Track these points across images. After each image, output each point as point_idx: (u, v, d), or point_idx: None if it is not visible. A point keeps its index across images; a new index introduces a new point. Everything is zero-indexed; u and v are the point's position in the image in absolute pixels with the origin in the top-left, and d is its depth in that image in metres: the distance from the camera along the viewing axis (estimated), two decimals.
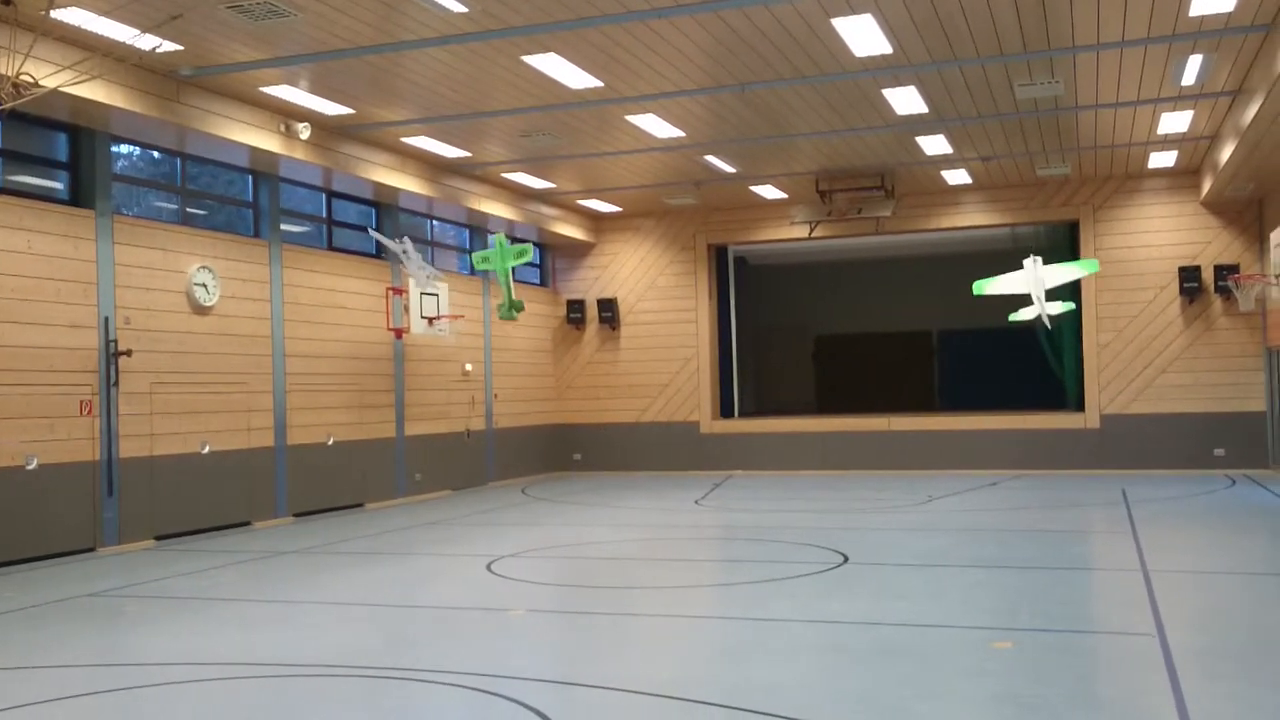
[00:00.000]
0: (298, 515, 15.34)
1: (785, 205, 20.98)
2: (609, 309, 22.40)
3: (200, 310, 13.85)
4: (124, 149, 13.56)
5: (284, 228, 15.60)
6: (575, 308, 22.61)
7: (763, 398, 25.75)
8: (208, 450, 13.82)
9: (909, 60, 12.58)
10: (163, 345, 13.26)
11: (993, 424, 20.52)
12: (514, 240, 19.99)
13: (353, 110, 14.01)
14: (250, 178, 15.20)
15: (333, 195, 16.85)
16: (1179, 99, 14.40)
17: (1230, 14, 11.14)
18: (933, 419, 21.45)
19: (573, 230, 21.71)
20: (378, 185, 16.28)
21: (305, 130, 13.99)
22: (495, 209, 18.97)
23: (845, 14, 11.01)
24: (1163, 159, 18.27)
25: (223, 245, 14.33)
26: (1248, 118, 13.41)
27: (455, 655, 7.25)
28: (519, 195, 19.68)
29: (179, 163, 14.17)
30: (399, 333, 17.10)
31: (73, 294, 12.18)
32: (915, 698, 5.93)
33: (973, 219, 20.77)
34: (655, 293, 22.44)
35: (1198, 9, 11.00)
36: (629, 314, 22.56)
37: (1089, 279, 19.17)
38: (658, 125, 15.10)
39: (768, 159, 17.64)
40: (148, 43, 10.30)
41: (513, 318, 17.40)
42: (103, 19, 10.25)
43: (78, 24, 10.29)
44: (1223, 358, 19.34)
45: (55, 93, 10.14)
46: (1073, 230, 20.59)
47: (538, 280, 22.66)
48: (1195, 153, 17.85)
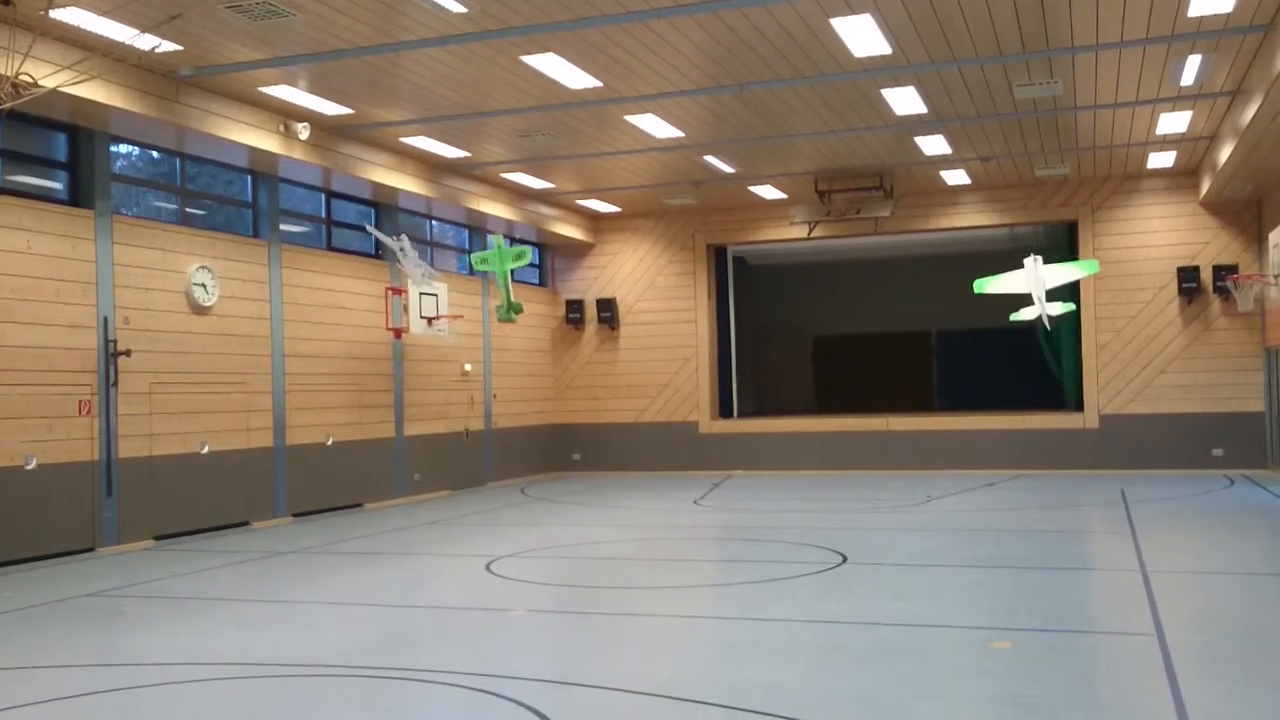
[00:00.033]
0: (297, 515, 15.34)
1: (784, 205, 20.98)
2: (608, 309, 22.41)
3: (199, 310, 13.85)
4: (123, 149, 13.56)
5: (283, 228, 15.60)
6: (574, 308, 22.61)
7: (762, 398, 25.76)
8: (207, 450, 13.82)
9: (908, 60, 12.59)
10: (162, 345, 13.26)
11: (991, 424, 20.53)
12: (513, 242, 20.02)
13: (352, 110, 14.01)
14: (249, 178, 15.20)
15: (332, 195, 16.85)
16: (1178, 99, 14.41)
17: (1229, 14, 11.15)
18: (931, 419, 21.45)
19: (572, 230, 21.72)
20: (377, 185, 16.28)
21: (304, 130, 13.99)
22: (494, 209, 18.97)
23: (844, 14, 11.01)
24: (1161, 159, 18.28)
25: (222, 245, 14.33)
26: (1246, 118, 13.42)
27: (454, 655, 7.26)
28: (518, 195, 19.68)
29: (178, 163, 14.17)
30: (398, 333, 17.10)
31: (72, 294, 12.18)
32: (914, 698, 5.94)
33: (972, 219, 20.78)
34: (654, 293, 22.44)
35: (1196, 9, 11.01)
36: (628, 314, 22.56)
37: (1088, 279, 19.17)
38: (657, 125, 15.11)
39: (767, 159, 17.65)
40: (147, 43, 10.29)
41: (511, 319, 17.43)
42: (102, 19, 10.24)
43: (77, 24, 10.29)
44: (1221, 358, 19.34)
45: (54, 93, 10.14)
46: (1071, 230, 20.60)
47: (537, 280, 22.67)
48: (1194, 153, 17.86)
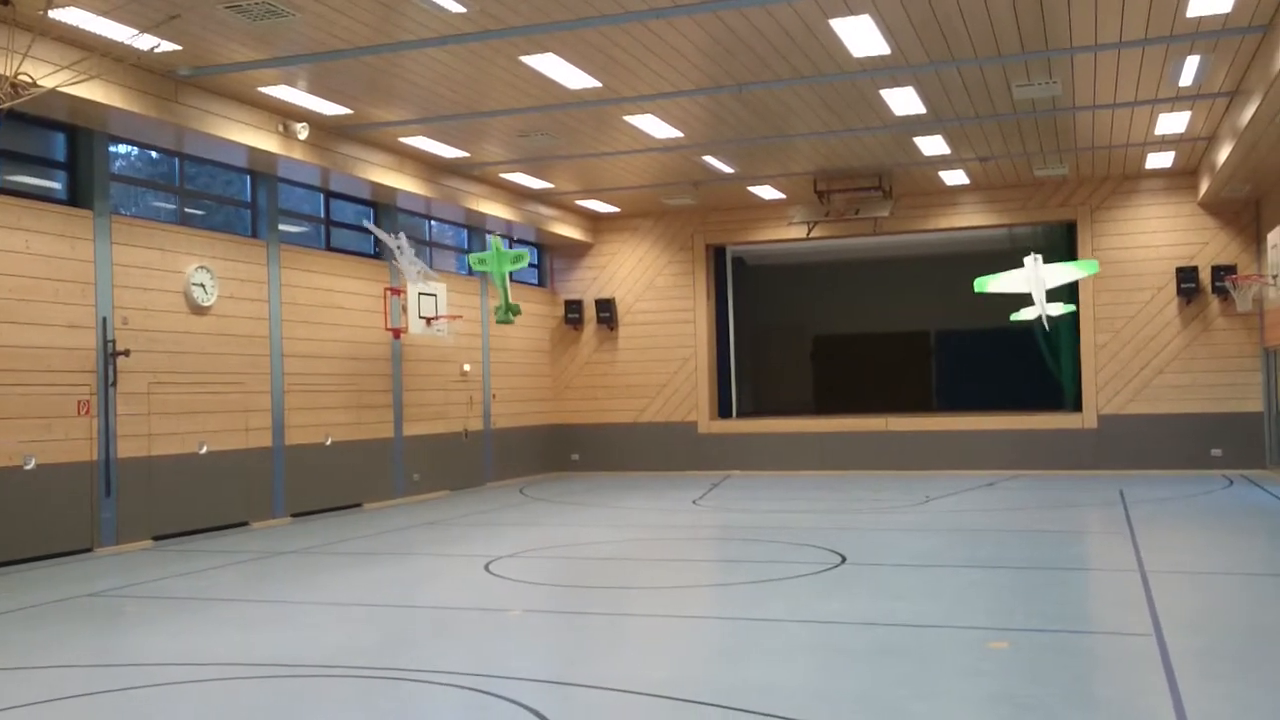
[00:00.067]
0: (295, 515, 15.34)
1: (783, 205, 20.99)
2: (607, 309, 22.41)
3: (198, 310, 13.85)
4: (122, 149, 13.56)
5: (282, 228, 15.60)
6: (573, 308, 22.61)
7: (761, 398, 25.76)
8: (205, 450, 13.82)
9: (907, 61, 12.59)
10: (160, 345, 13.26)
11: (990, 424, 20.54)
12: (511, 243, 20.01)
13: (351, 110, 14.01)
14: (248, 178, 15.20)
15: (331, 195, 16.85)
16: (1176, 100, 14.42)
17: (1228, 15, 11.15)
18: (930, 419, 21.46)
19: (571, 230, 21.72)
20: (376, 185, 16.28)
21: (303, 130, 13.99)
22: (493, 209, 18.97)
23: (843, 14, 11.02)
24: (1160, 159, 18.29)
25: (221, 245, 14.33)
26: (1245, 118, 13.42)
27: (453, 655, 7.26)
28: (517, 195, 19.68)
29: (177, 163, 14.17)
30: (397, 333, 17.09)
31: (70, 294, 12.18)
32: (912, 698, 5.94)
33: (970, 219, 20.79)
34: (653, 293, 22.45)
35: (1195, 10, 11.01)
36: (627, 314, 22.57)
37: (1086, 279, 19.17)
38: (656, 125, 15.11)
39: (766, 159, 17.65)
40: (146, 43, 10.30)
41: (509, 321, 17.44)
42: (101, 19, 10.24)
43: (76, 24, 10.30)
44: (1220, 358, 19.35)
45: (53, 92, 10.14)
46: (1070, 231, 20.61)
47: (536, 280, 22.67)
48: (1193, 153, 17.87)
